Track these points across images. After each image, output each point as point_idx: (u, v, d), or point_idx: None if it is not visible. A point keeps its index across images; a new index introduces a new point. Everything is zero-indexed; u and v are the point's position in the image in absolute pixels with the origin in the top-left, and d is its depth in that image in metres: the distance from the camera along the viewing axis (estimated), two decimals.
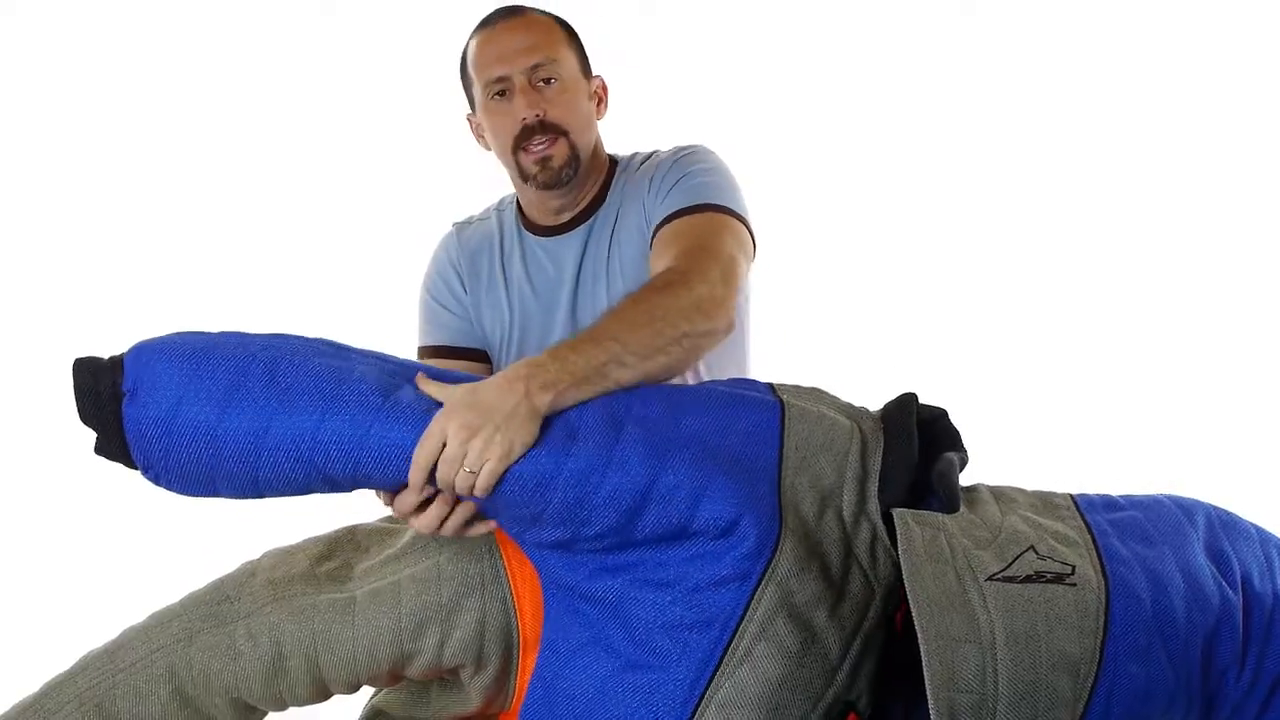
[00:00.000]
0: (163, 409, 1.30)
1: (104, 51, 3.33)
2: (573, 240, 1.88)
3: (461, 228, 1.98)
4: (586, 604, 1.34)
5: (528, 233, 1.91)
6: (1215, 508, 1.48)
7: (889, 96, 3.53)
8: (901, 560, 1.29)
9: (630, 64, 1.96)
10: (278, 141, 3.40)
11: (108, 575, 2.85)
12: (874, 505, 1.36)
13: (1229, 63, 3.46)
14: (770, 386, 1.46)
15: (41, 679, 1.50)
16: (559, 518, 1.31)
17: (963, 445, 1.42)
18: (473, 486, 1.30)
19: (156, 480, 1.34)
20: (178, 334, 1.37)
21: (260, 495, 1.35)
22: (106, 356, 1.35)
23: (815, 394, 1.48)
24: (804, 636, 1.28)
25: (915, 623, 1.25)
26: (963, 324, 3.43)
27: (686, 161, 1.82)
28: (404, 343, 2.13)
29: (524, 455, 1.30)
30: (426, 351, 1.96)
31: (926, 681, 1.23)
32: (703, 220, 1.69)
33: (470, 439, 1.29)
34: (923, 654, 1.23)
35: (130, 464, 1.35)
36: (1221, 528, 1.44)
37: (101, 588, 2.77)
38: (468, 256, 1.94)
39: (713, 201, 1.73)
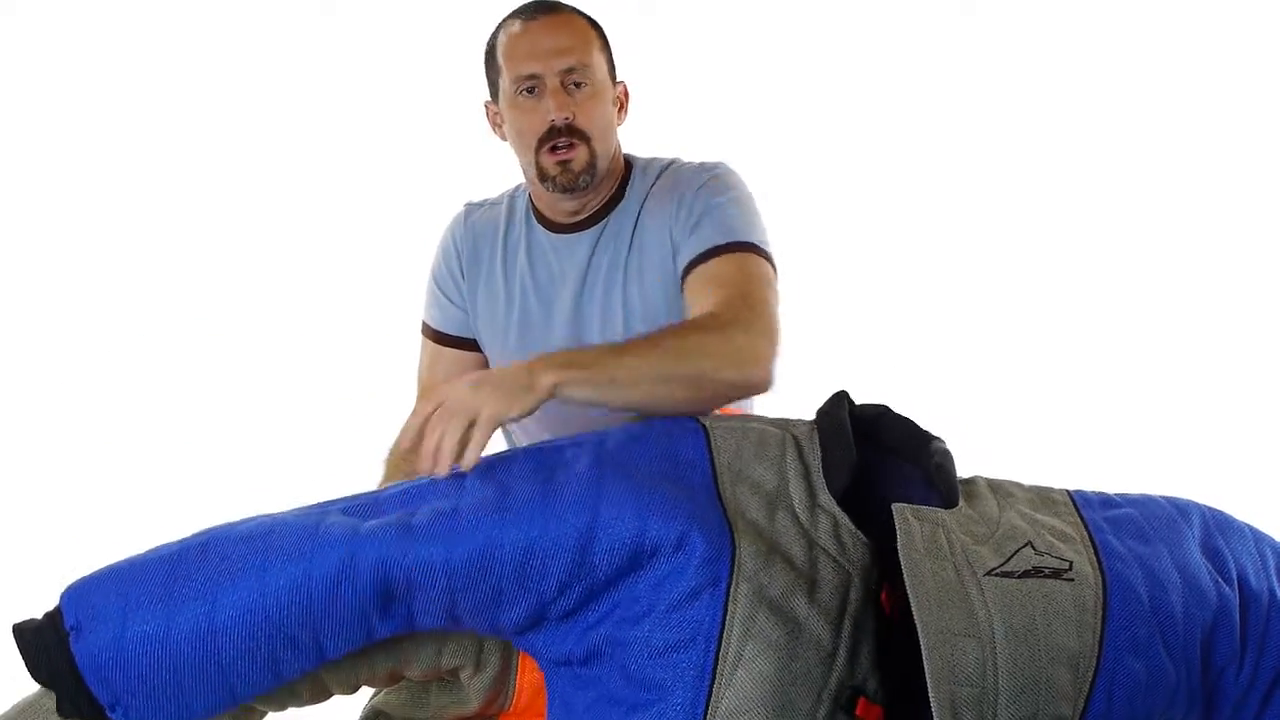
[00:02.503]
0: (110, 631, 1.27)
1: (104, 51, 3.33)
2: (584, 240, 1.88)
3: (471, 210, 1.98)
4: (585, 667, 1.33)
5: (538, 225, 1.92)
6: (1210, 508, 1.48)
7: (888, 97, 3.53)
8: (901, 556, 1.29)
9: (630, 64, 1.96)
10: (278, 141, 3.40)
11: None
12: (826, 497, 1.35)
13: (1229, 63, 3.46)
14: (692, 417, 1.47)
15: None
16: (516, 584, 1.29)
17: (920, 429, 1.42)
18: (456, 449, 1.34)
19: (127, 715, 1.29)
20: (103, 566, 1.34)
21: (233, 694, 1.31)
22: (41, 614, 1.33)
23: (740, 415, 1.50)
24: (789, 627, 1.26)
25: (915, 618, 1.24)
26: (962, 322, 3.43)
27: (714, 188, 1.81)
28: (403, 340, 2.14)
29: (471, 516, 1.30)
30: (428, 330, 1.99)
31: (928, 676, 1.22)
32: (739, 264, 1.71)
33: (460, 399, 1.35)
34: (923, 649, 1.23)
35: (98, 712, 1.29)
36: (1216, 527, 1.44)
37: None
38: (470, 241, 1.95)
39: (745, 239, 1.74)
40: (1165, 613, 1.32)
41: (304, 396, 3.24)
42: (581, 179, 1.81)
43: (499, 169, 2.08)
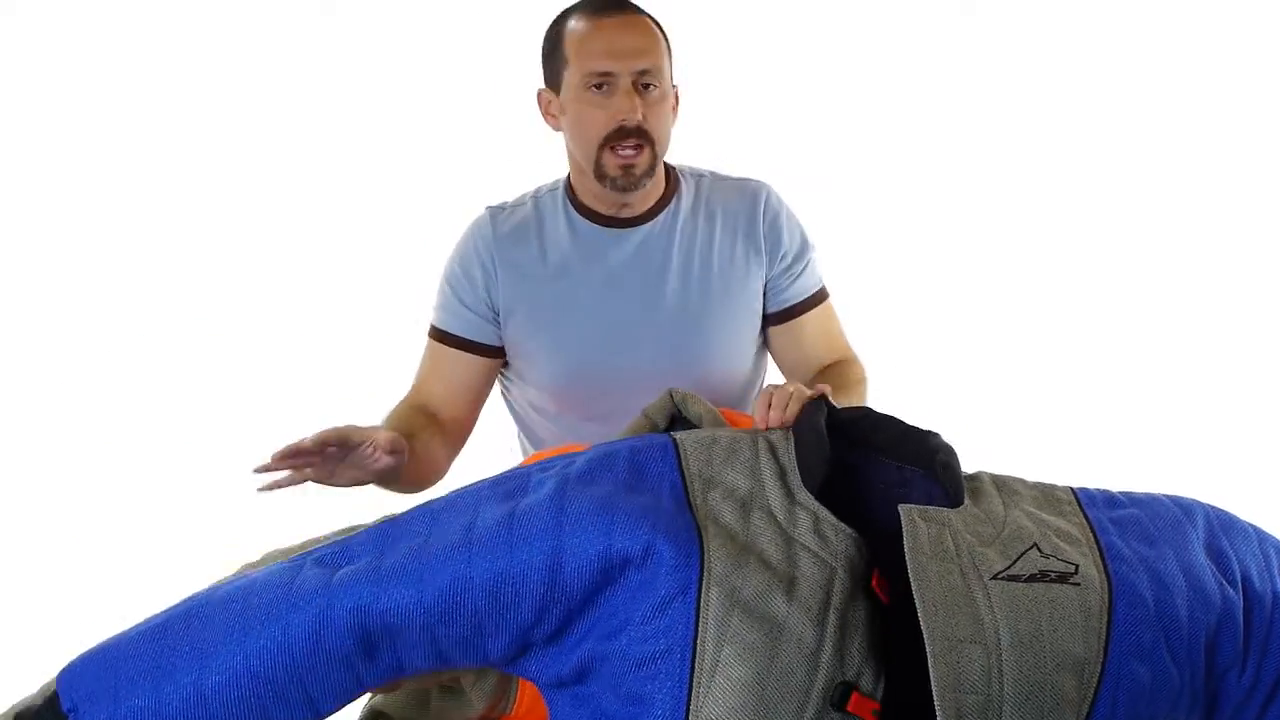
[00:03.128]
0: (105, 710, 1.29)
1: (104, 52, 3.33)
2: (633, 236, 1.94)
3: (496, 213, 1.98)
4: (580, 685, 1.32)
5: (580, 217, 1.95)
6: (1213, 507, 1.47)
7: (888, 97, 3.53)
8: (907, 559, 1.27)
9: None
10: (278, 142, 3.40)
11: (104, 570, 2.86)
12: (804, 494, 1.34)
13: (1229, 63, 3.46)
14: (663, 433, 1.49)
15: (39, 679, 1.51)
16: (492, 615, 1.30)
17: (913, 427, 1.43)
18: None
19: None
20: (95, 645, 1.37)
21: None
22: (40, 697, 1.35)
23: (712, 421, 1.52)
24: (766, 628, 1.24)
25: (922, 624, 1.23)
26: (964, 320, 3.42)
27: (793, 226, 2.01)
28: (403, 341, 2.14)
29: (438, 553, 1.31)
30: (435, 332, 1.98)
31: (933, 683, 1.21)
32: (830, 310, 2.05)
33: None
34: (929, 656, 1.21)
35: None
36: (1220, 527, 1.43)
37: (98, 583, 2.78)
38: (502, 246, 1.95)
39: (823, 283, 2.05)
40: (1170, 617, 1.31)
41: (303, 397, 3.24)
42: (642, 180, 1.87)
43: (499, 168, 2.08)
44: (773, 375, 2.13)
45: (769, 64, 3.50)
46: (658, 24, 1.89)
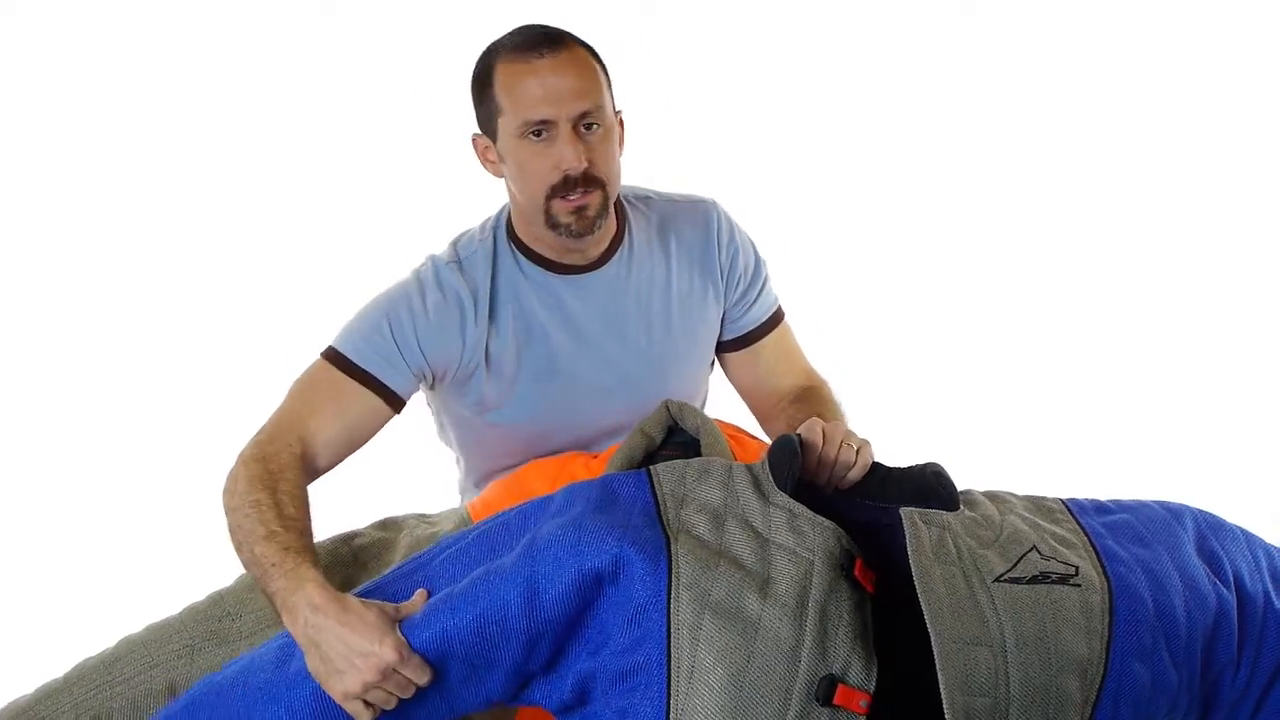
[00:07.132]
0: None
1: (104, 51, 3.33)
2: (596, 281, 1.82)
3: (459, 267, 1.80)
4: (584, 706, 1.33)
5: (534, 265, 1.81)
6: (1200, 510, 1.48)
7: (888, 97, 3.53)
8: (911, 563, 1.28)
9: (630, 65, 1.95)
10: (277, 141, 3.40)
11: (105, 574, 2.86)
12: (779, 496, 1.35)
13: (1229, 63, 3.45)
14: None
15: (38, 680, 1.51)
16: (482, 655, 1.31)
17: (883, 466, 1.45)
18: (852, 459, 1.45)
19: None
20: None
21: None
22: None
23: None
24: (740, 628, 1.23)
25: (929, 625, 1.24)
26: (956, 327, 3.41)
27: (746, 247, 1.94)
28: None
29: (426, 610, 1.32)
30: (345, 364, 1.73)
31: (941, 686, 1.21)
32: (788, 331, 1.99)
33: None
34: (937, 658, 1.22)
35: None
36: (1209, 529, 1.44)
37: (99, 586, 2.78)
38: (476, 295, 1.78)
39: (778, 303, 1.99)
40: (1169, 617, 1.32)
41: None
42: (596, 224, 1.72)
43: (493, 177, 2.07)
44: (718, 392, 2.08)
45: (769, 64, 3.50)
46: (593, 52, 1.73)
